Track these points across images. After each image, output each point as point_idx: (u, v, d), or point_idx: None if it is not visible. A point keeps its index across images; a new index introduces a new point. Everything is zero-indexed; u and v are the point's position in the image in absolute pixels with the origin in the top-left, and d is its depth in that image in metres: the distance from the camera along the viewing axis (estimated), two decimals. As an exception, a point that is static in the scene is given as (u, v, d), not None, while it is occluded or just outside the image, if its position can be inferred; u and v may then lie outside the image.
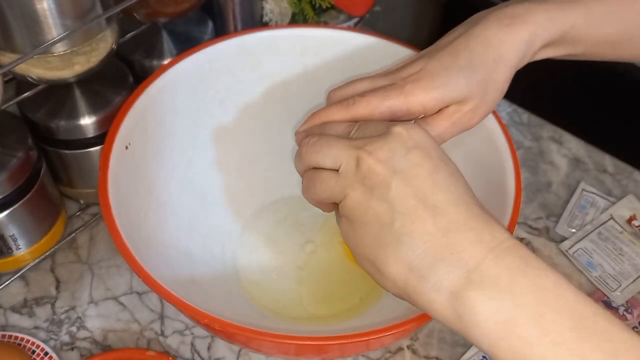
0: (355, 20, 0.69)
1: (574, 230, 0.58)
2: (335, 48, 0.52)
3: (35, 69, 0.44)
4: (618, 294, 0.53)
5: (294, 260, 0.52)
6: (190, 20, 0.60)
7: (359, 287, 0.50)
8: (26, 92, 0.47)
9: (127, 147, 0.44)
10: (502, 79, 0.37)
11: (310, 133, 0.36)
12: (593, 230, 0.57)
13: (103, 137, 0.43)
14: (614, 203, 0.60)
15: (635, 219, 0.57)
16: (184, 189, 0.50)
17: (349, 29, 0.63)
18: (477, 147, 0.47)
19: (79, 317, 0.50)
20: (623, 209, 0.58)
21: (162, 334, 0.49)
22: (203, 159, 0.52)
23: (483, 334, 0.27)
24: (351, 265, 0.52)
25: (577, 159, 0.65)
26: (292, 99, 0.55)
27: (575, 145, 0.66)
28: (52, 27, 0.41)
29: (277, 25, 0.63)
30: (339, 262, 0.52)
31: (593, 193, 0.60)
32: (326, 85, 0.54)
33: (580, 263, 0.55)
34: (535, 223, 0.59)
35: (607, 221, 0.58)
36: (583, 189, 0.61)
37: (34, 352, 0.47)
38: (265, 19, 0.64)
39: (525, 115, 0.69)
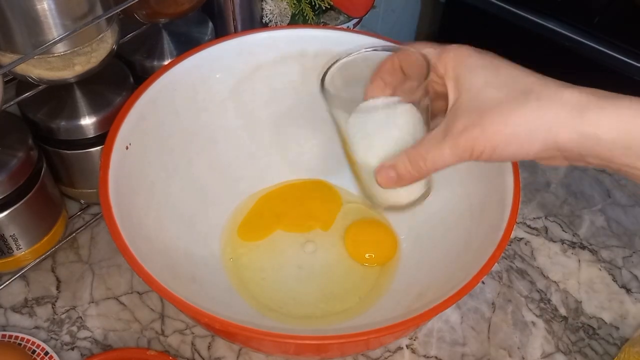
0: (354, 21, 0.69)
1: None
2: (335, 49, 0.52)
3: (36, 70, 0.44)
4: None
5: (294, 260, 0.52)
6: (191, 21, 0.60)
7: (358, 287, 0.51)
8: (27, 92, 0.48)
9: (127, 147, 0.44)
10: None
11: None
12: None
13: (103, 137, 0.43)
14: None
15: None
16: (184, 188, 0.50)
17: (348, 30, 0.63)
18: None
19: (79, 317, 0.50)
20: None
21: (163, 333, 0.49)
22: (203, 158, 0.52)
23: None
24: (351, 265, 0.52)
25: (576, 159, 0.65)
26: (292, 99, 0.55)
27: (574, 145, 0.66)
28: (53, 27, 0.41)
29: (277, 26, 0.63)
30: (339, 262, 0.52)
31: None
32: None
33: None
34: (534, 223, 0.60)
35: None
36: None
37: (34, 352, 0.47)
38: (265, 19, 0.64)
39: (524, 116, 0.69)
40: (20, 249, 0.50)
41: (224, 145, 0.54)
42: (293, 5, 0.64)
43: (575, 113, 0.32)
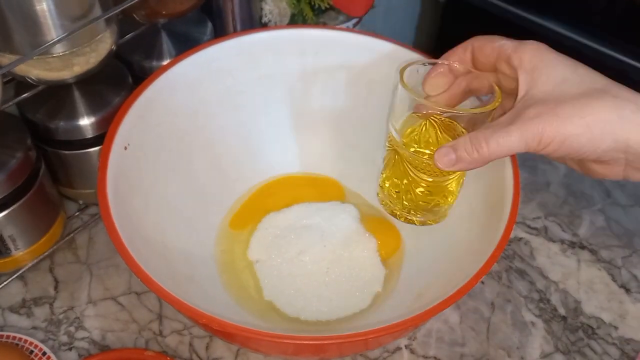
0: (354, 20, 0.69)
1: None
2: (334, 49, 0.52)
3: (35, 70, 0.44)
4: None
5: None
6: (190, 21, 0.60)
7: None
8: (25, 92, 0.48)
9: (126, 148, 0.44)
10: None
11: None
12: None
13: (102, 137, 0.43)
14: None
15: None
16: (182, 189, 0.50)
17: (347, 29, 0.63)
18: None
19: (77, 317, 0.50)
20: None
21: (161, 333, 0.49)
22: (202, 159, 0.52)
23: None
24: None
25: (576, 159, 0.65)
26: (291, 99, 0.55)
27: (573, 145, 0.66)
28: (52, 28, 0.41)
29: (276, 26, 0.63)
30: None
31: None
32: (325, 85, 0.54)
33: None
34: (534, 223, 0.59)
35: None
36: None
37: (32, 352, 0.47)
38: (265, 19, 0.64)
39: (523, 116, 0.69)
40: (18, 249, 0.50)
41: (223, 146, 0.54)
42: (292, 5, 0.64)
43: None
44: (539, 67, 0.36)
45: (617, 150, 0.33)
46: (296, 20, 0.65)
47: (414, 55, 0.49)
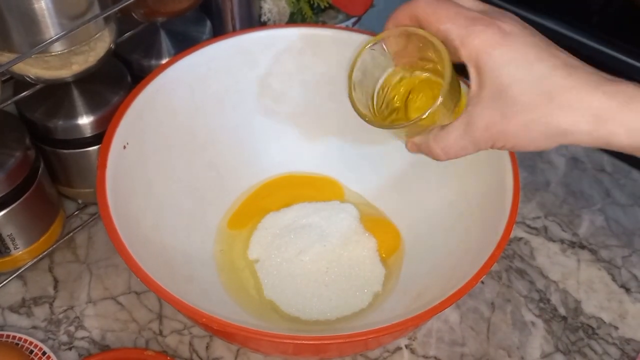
0: (353, 19, 0.69)
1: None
2: (334, 48, 0.52)
3: (33, 69, 0.44)
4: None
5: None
6: (189, 20, 0.60)
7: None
8: (24, 91, 0.47)
9: (125, 147, 0.44)
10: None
11: None
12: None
13: (101, 136, 0.43)
14: None
15: None
16: (182, 188, 0.50)
17: (347, 28, 0.63)
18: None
19: (77, 317, 0.50)
20: None
21: (161, 333, 0.49)
22: (201, 158, 0.52)
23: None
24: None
25: (576, 158, 0.65)
26: (290, 98, 0.55)
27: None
28: (50, 26, 0.40)
29: (276, 25, 0.63)
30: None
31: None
32: (324, 85, 0.54)
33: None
34: (534, 222, 0.59)
35: None
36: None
37: (32, 352, 0.47)
38: (264, 18, 0.64)
39: (523, 115, 0.69)
40: (17, 248, 0.50)
41: (221, 145, 0.54)
42: (292, 4, 0.64)
43: (592, 124, 0.33)
44: (488, 66, 0.34)
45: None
46: (295, 19, 0.65)
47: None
